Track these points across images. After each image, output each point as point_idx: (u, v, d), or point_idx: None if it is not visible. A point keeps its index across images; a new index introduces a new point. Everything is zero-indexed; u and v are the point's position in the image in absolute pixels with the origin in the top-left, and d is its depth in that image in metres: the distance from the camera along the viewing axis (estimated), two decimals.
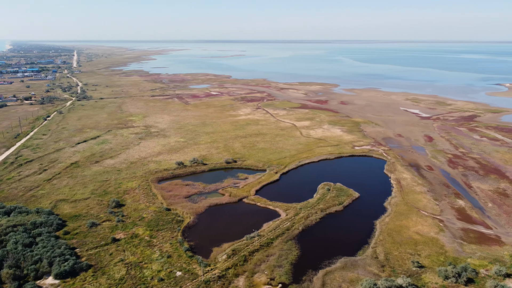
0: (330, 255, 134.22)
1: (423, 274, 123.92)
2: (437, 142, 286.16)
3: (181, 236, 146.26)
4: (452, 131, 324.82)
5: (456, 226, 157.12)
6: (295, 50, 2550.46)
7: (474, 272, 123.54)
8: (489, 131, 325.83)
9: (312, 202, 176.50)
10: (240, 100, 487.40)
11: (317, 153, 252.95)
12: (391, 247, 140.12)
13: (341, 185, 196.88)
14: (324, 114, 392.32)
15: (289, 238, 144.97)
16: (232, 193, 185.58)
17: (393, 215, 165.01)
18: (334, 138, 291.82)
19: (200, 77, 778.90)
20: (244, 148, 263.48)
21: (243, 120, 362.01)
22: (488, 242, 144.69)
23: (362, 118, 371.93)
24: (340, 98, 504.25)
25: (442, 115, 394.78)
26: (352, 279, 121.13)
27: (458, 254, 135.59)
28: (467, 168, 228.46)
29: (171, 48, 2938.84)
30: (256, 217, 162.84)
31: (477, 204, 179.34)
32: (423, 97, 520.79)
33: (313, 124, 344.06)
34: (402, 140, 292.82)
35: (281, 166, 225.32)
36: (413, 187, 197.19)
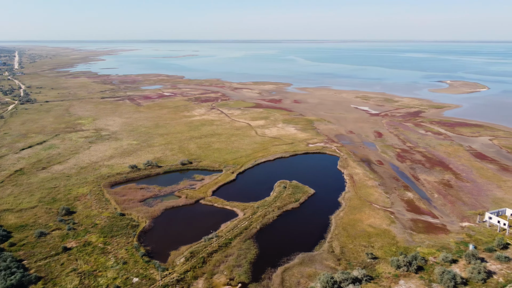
0: (288, 252, 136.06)
1: (377, 265, 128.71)
2: (386, 138, 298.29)
3: (137, 241, 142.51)
4: (399, 126, 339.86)
5: (406, 217, 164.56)
6: (249, 50, 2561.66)
7: (423, 260, 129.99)
8: (433, 125, 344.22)
9: (269, 201, 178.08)
10: (194, 100, 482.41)
11: (272, 151, 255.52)
12: (346, 240, 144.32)
13: (297, 182, 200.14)
14: (279, 113, 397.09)
15: (247, 237, 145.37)
16: (189, 195, 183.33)
17: (347, 210, 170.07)
18: (289, 137, 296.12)
19: (152, 78, 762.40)
20: (199, 149, 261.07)
21: (198, 120, 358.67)
22: (435, 231, 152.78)
23: (315, 116, 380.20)
24: (294, 97, 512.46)
25: (390, 112, 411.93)
26: (310, 274, 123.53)
27: (409, 244, 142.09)
28: (414, 161, 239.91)
29: (120, 48, 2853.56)
30: (213, 218, 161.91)
31: (424, 196, 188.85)
32: (372, 95, 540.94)
33: (268, 123, 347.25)
34: (354, 136, 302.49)
35: (238, 166, 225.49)
36: (365, 181, 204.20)
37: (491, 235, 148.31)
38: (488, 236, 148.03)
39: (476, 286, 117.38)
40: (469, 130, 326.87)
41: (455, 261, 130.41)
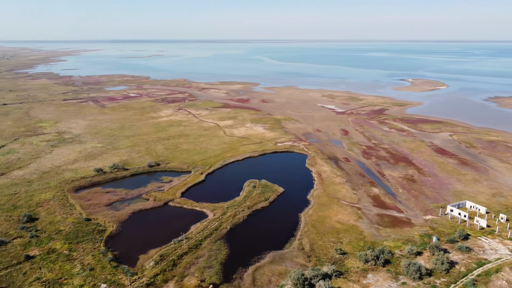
0: (259, 251, 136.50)
1: (346, 260, 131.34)
2: (352, 135, 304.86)
3: (104, 246, 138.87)
4: (364, 124, 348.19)
5: (373, 212, 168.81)
6: (215, 50, 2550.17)
7: (390, 253, 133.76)
8: (397, 123, 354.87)
9: (239, 200, 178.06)
10: (160, 101, 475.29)
11: (241, 151, 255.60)
12: (315, 237, 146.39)
13: (266, 181, 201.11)
14: (246, 112, 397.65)
15: (217, 238, 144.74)
16: (157, 197, 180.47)
17: (316, 207, 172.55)
18: (257, 136, 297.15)
19: (116, 79, 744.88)
20: (167, 150, 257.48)
21: (165, 121, 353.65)
22: (401, 225, 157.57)
23: (283, 115, 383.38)
24: (261, 97, 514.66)
25: (355, 110, 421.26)
26: (281, 272, 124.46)
27: (376, 238, 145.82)
28: (379, 158, 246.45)
29: (83, 48, 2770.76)
30: (183, 220, 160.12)
31: (389, 191, 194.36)
32: (338, 93, 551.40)
33: (236, 123, 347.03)
34: (321, 134, 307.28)
35: (206, 167, 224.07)
36: (332, 178, 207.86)
37: (453, 227, 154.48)
38: (450, 228, 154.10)
39: (440, 276, 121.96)
40: (430, 126, 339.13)
41: (420, 253, 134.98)
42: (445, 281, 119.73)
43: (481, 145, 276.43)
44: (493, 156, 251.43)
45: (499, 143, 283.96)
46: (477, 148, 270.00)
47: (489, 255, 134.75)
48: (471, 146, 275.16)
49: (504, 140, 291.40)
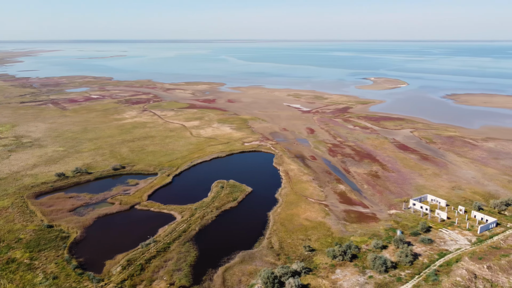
0: (228, 251, 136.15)
1: (315, 257, 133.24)
2: (318, 134, 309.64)
3: (68, 253, 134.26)
4: (330, 122, 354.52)
5: (339, 208, 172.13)
6: (180, 50, 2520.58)
7: (357, 248, 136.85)
8: (361, 120, 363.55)
9: (207, 201, 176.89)
10: (124, 102, 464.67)
11: (208, 152, 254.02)
12: (284, 235, 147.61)
13: (234, 181, 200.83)
14: (213, 113, 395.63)
15: (186, 240, 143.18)
16: (123, 201, 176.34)
17: (284, 205, 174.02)
18: (224, 136, 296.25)
19: (77, 80, 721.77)
20: (132, 152, 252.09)
21: (130, 123, 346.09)
22: (367, 220, 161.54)
23: (250, 115, 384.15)
24: (227, 97, 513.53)
25: (320, 108, 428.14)
26: (251, 271, 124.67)
27: (343, 234, 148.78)
28: (344, 155, 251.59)
29: (40, 49, 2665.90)
30: (150, 223, 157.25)
31: (355, 187, 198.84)
32: (303, 93, 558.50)
33: (203, 123, 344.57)
34: (287, 133, 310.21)
35: (173, 168, 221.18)
36: (300, 177, 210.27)
37: (416, 220, 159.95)
38: (413, 221, 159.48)
39: (405, 268, 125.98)
40: (392, 123, 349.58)
41: (385, 247, 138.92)
42: (410, 272, 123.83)
43: (440, 141, 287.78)
44: (452, 151, 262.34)
45: (456, 138, 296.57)
46: (436, 143, 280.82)
47: (449, 245, 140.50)
48: (431, 141, 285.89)
49: (461, 135, 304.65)
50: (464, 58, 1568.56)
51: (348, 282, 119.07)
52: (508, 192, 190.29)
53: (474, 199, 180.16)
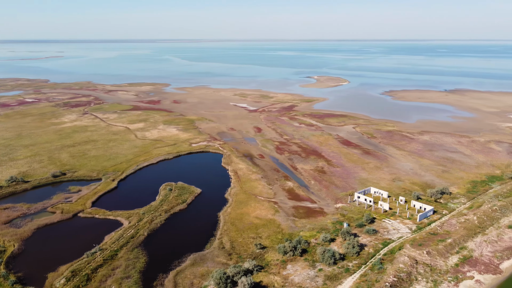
0: (179, 255, 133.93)
1: (266, 254, 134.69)
2: (265, 132, 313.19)
3: (5, 268, 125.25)
4: (276, 121, 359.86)
5: (288, 205, 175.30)
6: (121, 50, 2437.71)
7: (306, 243, 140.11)
8: (306, 118, 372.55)
9: (155, 205, 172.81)
10: (62, 106, 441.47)
11: (155, 154, 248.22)
12: (235, 235, 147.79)
13: (182, 183, 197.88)
14: (158, 114, 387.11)
15: (135, 246, 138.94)
16: (65, 209, 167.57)
17: (234, 205, 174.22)
18: (171, 138, 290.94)
19: (9, 83, 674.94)
20: (73, 158, 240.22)
21: (69, 127, 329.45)
22: (315, 215, 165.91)
23: (196, 116, 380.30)
24: (173, 97, 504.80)
25: (266, 107, 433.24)
26: (203, 273, 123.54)
27: (292, 230, 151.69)
28: (291, 152, 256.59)
29: None
30: (95, 231, 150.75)
31: (302, 183, 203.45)
32: (249, 92, 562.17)
33: (148, 125, 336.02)
34: (235, 133, 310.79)
35: (118, 173, 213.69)
36: (249, 175, 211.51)
37: (360, 212, 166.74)
38: (358, 213, 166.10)
39: (352, 259, 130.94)
40: (336, 120, 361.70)
41: (333, 240, 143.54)
42: (357, 263, 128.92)
43: (381, 135, 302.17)
44: (391, 144, 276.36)
45: (395, 132, 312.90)
46: (377, 138, 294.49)
47: (392, 235, 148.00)
48: (372, 136, 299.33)
49: (399, 130, 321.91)
50: (400, 57, 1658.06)
51: (299, 277, 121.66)
52: (442, 181, 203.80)
53: (413, 189, 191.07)
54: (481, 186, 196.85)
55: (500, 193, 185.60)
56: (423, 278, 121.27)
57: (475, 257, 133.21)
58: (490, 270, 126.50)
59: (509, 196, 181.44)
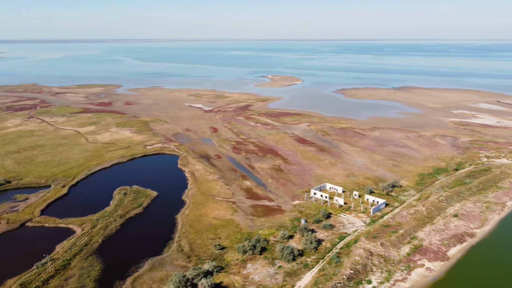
0: (136, 260, 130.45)
1: (226, 254, 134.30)
2: (222, 132, 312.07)
3: None
4: (232, 120, 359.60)
5: (247, 204, 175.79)
6: (69, 50, 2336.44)
7: (265, 241, 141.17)
8: (261, 117, 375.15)
9: (110, 210, 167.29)
10: (5, 110, 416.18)
11: (108, 158, 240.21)
12: (194, 237, 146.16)
13: (138, 187, 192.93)
14: (110, 116, 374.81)
15: (89, 254, 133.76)
16: (10, 219, 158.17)
17: (192, 206, 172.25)
18: (124, 140, 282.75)
19: None
20: (19, 165, 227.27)
21: (13, 132, 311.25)
22: (273, 213, 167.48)
23: (150, 117, 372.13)
24: (125, 99, 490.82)
25: (222, 107, 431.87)
26: (162, 277, 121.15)
27: (251, 229, 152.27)
28: (248, 152, 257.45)
29: None
30: (46, 240, 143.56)
31: (260, 182, 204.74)
32: (204, 92, 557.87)
33: (99, 128, 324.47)
34: (191, 134, 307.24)
35: (69, 178, 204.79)
36: (206, 176, 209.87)
37: (317, 208, 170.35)
38: (315, 209, 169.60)
39: (310, 254, 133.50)
40: (291, 118, 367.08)
41: (292, 237, 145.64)
42: (315, 258, 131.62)
43: (334, 133, 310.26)
44: (344, 141, 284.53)
45: (348, 129, 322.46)
46: (331, 135, 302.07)
47: (348, 228, 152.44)
48: (326, 134, 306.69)
49: (352, 127, 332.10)
50: (350, 56, 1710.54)
51: (259, 275, 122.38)
52: (393, 175, 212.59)
53: (366, 184, 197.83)
54: (429, 178, 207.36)
55: (446, 184, 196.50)
56: (378, 269, 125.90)
57: (425, 246, 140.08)
58: (438, 257, 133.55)
59: (453, 187, 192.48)
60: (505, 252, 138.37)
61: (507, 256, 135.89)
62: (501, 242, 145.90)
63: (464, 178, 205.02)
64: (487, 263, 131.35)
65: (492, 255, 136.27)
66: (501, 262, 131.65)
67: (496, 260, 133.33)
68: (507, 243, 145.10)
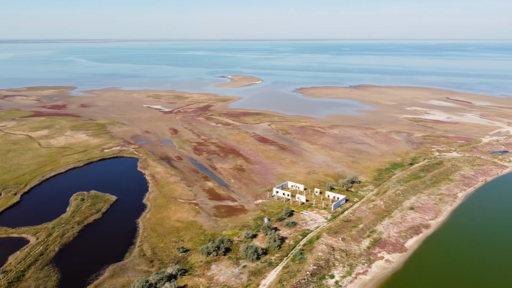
0: (96, 267, 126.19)
1: (189, 257, 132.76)
2: (182, 133, 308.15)
3: None
4: (192, 121, 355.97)
5: (209, 205, 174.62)
6: (16, 51, 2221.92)
7: (229, 241, 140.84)
8: (222, 117, 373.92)
9: (66, 217, 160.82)
10: None
11: (63, 163, 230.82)
12: (156, 240, 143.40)
13: (96, 192, 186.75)
14: (64, 119, 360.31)
15: (44, 264, 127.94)
16: None
17: (154, 210, 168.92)
18: (80, 144, 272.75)
19: None
20: None
21: None
22: (236, 213, 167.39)
23: (107, 119, 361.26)
24: (80, 101, 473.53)
25: (182, 108, 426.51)
26: (124, 284, 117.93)
27: (215, 230, 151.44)
28: (210, 152, 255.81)
29: None
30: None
31: (222, 182, 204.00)
32: (163, 93, 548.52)
33: (53, 132, 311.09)
34: (150, 136, 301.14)
35: (21, 185, 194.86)
36: (167, 178, 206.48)
37: (280, 206, 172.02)
38: (278, 207, 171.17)
39: (274, 253, 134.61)
40: (251, 118, 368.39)
41: (255, 236, 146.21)
42: (279, 256, 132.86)
43: (295, 131, 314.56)
44: (305, 139, 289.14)
45: (307, 128, 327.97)
46: (291, 134, 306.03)
47: (310, 225, 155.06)
48: (287, 132, 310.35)
49: (311, 125, 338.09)
50: (308, 55, 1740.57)
51: (224, 276, 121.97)
52: (352, 171, 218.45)
53: (327, 181, 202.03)
54: (386, 173, 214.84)
55: (402, 179, 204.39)
56: (340, 264, 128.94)
57: (384, 239, 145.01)
58: (397, 249, 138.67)
59: (409, 181, 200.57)
60: (458, 241, 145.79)
61: (460, 244, 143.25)
62: (454, 231, 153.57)
63: (419, 172, 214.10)
64: (441, 252, 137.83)
65: (446, 244, 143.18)
66: (455, 251, 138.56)
67: (450, 249, 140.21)
68: (459, 232, 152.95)
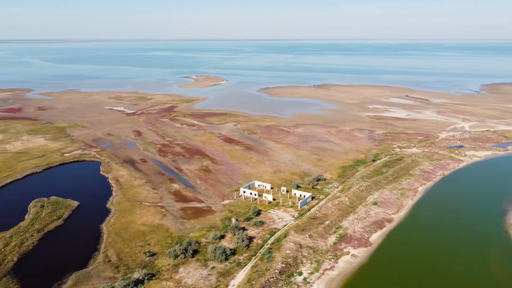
0: (59, 276, 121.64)
1: (156, 261, 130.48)
2: (146, 135, 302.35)
3: None
4: (157, 123, 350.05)
5: (176, 207, 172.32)
6: None
7: (197, 243, 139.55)
8: (187, 118, 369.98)
9: (25, 225, 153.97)
10: None
11: (20, 168, 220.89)
12: (121, 245, 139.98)
13: (56, 197, 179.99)
14: (20, 123, 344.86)
15: (2, 275, 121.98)
16: None
17: (118, 214, 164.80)
18: (38, 149, 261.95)
19: None
20: None
21: None
22: (203, 214, 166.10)
23: (67, 122, 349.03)
24: (37, 104, 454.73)
25: (145, 109, 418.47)
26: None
27: (182, 232, 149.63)
28: (175, 154, 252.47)
29: None
30: None
31: (189, 184, 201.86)
32: (126, 94, 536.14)
33: (8, 136, 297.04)
34: (113, 138, 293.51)
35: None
36: (131, 182, 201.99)
37: (247, 206, 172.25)
38: (245, 207, 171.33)
39: (242, 252, 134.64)
40: (217, 118, 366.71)
41: (223, 236, 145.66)
42: (247, 255, 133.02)
43: (260, 131, 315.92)
44: (270, 139, 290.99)
45: (273, 127, 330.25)
46: (257, 133, 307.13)
47: (278, 224, 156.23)
48: (252, 132, 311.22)
49: (277, 124, 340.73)
50: (271, 55, 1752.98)
51: (192, 278, 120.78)
52: (317, 169, 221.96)
53: (293, 179, 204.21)
54: (350, 170, 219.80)
55: (365, 175, 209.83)
56: (307, 260, 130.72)
57: (349, 234, 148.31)
58: (362, 244, 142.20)
59: (372, 177, 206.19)
60: (419, 234, 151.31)
61: (421, 237, 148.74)
62: (416, 224, 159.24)
63: (381, 168, 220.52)
64: (404, 245, 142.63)
65: (408, 237, 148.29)
66: (416, 243, 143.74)
67: (412, 241, 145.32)
68: (421, 225, 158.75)
